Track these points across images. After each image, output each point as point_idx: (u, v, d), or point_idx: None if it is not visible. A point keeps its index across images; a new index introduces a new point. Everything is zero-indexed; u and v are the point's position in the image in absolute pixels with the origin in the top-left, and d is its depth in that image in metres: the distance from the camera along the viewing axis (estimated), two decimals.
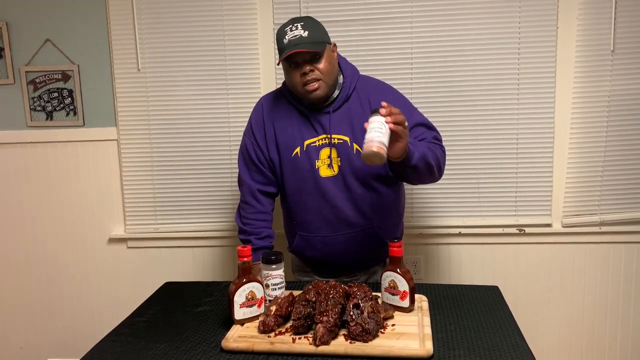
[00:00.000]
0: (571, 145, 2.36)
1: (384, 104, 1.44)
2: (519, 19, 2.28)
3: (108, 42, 2.47)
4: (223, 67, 2.43)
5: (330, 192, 1.74)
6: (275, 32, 1.73)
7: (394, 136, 1.44)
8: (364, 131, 1.69)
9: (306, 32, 1.63)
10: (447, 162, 2.35)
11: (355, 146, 1.72)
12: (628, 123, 2.32)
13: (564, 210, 2.40)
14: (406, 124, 1.46)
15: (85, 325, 2.70)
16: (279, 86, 2.31)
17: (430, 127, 1.78)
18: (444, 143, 2.33)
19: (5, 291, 2.69)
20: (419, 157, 1.56)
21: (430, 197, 2.41)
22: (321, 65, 1.65)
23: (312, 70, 1.65)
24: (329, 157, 1.74)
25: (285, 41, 1.64)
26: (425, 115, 2.30)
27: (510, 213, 2.41)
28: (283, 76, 1.76)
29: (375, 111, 1.43)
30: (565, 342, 2.50)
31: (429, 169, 1.64)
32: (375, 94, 1.75)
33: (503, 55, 2.30)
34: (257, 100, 1.98)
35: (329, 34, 1.73)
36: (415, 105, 2.31)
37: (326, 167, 1.75)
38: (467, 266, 2.48)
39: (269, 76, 2.43)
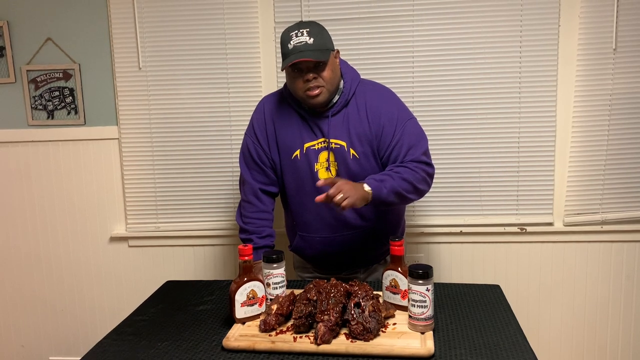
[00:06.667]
0: (573, 144, 2.36)
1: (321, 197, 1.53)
2: (520, 17, 2.27)
3: (109, 40, 2.46)
4: (224, 65, 2.42)
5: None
6: (279, 33, 1.72)
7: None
8: (360, 137, 1.71)
9: (311, 39, 1.63)
10: (448, 161, 2.38)
11: (352, 151, 1.73)
12: (630, 121, 2.32)
13: (566, 209, 2.39)
14: (341, 197, 1.51)
15: (86, 324, 2.70)
16: (280, 85, 2.33)
17: (413, 146, 1.73)
18: (444, 142, 2.36)
19: (7, 289, 2.70)
20: (387, 192, 1.61)
21: (432, 196, 2.40)
22: (325, 73, 1.66)
23: (315, 78, 1.65)
24: (327, 160, 1.75)
25: (290, 46, 1.64)
26: (425, 114, 2.32)
27: (512, 212, 2.41)
28: (284, 75, 1.76)
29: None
30: (567, 340, 2.49)
31: (406, 196, 1.68)
32: (372, 100, 1.75)
33: (505, 53, 2.30)
34: (258, 98, 1.98)
35: (330, 32, 1.73)
36: (416, 104, 2.34)
37: (324, 170, 1.76)
38: (468, 265, 2.47)
39: (270, 75, 2.43)
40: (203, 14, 2.39)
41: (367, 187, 1.58)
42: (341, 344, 1.32)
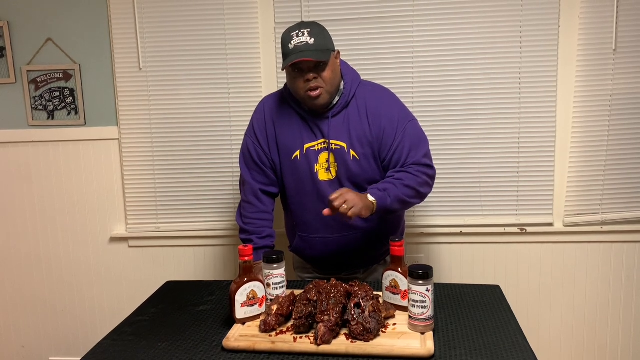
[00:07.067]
0: (573, 144, 2.36)
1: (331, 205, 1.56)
2: (520, 17, 2.27)
3: (109, 41, 2.47)
4: (224, 65, 2.43)
5: (328, 195, 1.74)
6: (280, 33, 1.73)
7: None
8: (361, 138, 1.72)
9: (312, 39, 1.63)
10: (448, 161, 2.38)
11: (352, 152, 1.73)
12: (630, 122, 2.32)
13: (566, 209, 2.40)
14: (347, 207, 1.54)
15: (86, 324, 2.70)
16: (280, 86, 2.33)
17: (414, 148, 1.74)
18: (444, 143, 2.36)
19: (7, 290, 2.70)
20: (392, 201, 1.65)
21: (432, 197, 2.39)
22: (325, 73, 1.66)
23: (315, 78, 1.65)
24: (327, 161, 1.75)
25: (291, 47, 1.64)
26: (425, 115, 2.32)
27: (512, 212, 2.41)
28: (284, 75, 1.76)
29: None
30: (567, 341, 2.49)
31: (409, 202, 1.73)
32: (372, 101, 1.76)
33: (505, 54, 2.30)
34: (258, 99, 1.98)
35: (330, 33, 1.73)
36: (416, 105, 2.34)
37: (324, 170, 1.76)
38: (468, 265, 2.47)
39: (270, 75, 2.43)
40: (203, 14, 2.39)
41: (371, 198, 1.62)
42: (341, 344, 1.32)
